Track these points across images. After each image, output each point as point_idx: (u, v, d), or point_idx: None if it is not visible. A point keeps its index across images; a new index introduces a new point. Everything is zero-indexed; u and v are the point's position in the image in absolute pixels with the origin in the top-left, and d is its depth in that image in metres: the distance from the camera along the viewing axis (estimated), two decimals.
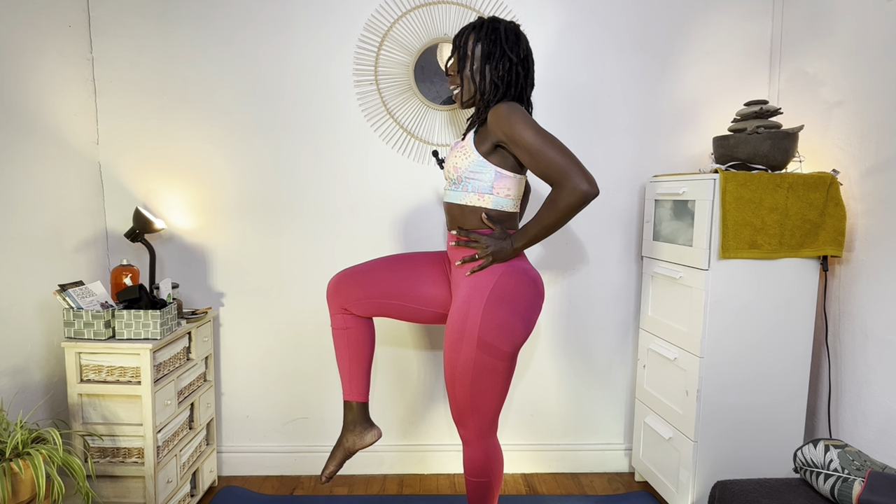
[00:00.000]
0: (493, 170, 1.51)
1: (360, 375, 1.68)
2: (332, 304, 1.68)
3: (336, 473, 1.83)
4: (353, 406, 1.68)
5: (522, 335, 1.51)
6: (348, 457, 1.69)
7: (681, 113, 2.24)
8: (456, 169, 1.55)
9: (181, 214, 2.20)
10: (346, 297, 1.65)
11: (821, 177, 1.78)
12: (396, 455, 2.35)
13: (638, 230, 2.29)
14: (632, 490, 2.25)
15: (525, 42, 1.55)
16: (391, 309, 1.66)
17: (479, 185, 1.52)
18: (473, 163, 1.51)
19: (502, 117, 1.44)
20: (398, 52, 2.14)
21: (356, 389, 1.68)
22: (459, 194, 1.56)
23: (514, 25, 1.55)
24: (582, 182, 1.38)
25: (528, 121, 1.43)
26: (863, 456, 1.47)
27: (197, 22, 2.11)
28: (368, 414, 1.71)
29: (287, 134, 2.18)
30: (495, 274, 1.51)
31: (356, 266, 1.69)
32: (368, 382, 1.70)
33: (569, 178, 1.39)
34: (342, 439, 1.68)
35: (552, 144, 1.41)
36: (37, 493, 1.42)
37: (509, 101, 1.48)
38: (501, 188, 1.53)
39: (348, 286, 1.65)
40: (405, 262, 1.68)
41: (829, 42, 1.95)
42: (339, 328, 1.67)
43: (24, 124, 1.77)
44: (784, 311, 1.85)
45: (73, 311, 1.72)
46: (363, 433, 1.68)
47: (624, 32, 2.19)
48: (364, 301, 1.64)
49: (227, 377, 2.29)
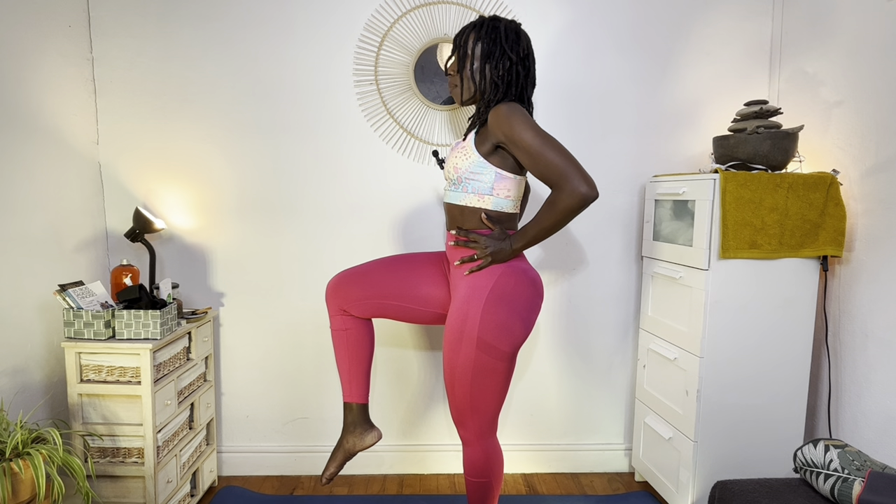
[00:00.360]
0: (494, 171, 1.50)
1: (360, 377, 1.68)
2: (330, 306, 1.67)
3: (337, 475, 1.83)
4: (353, 407, 1.68)
5: (522, 335, 1.51)
6: (349, 458, 1.69)
7: (681, 113, 2.24)
8: (456, 169, 1.54)
9: (181, 214, 2.20)
10: (345, 298, 1.65)
11: (821, 177, 1.78)
12: (396, 455, 2.35)
13: (638, 230, 2.29)
14: (632, 490, 2.25)
15: (525, 41, 1.55)
16: (390, 310, 1.65)
17: (478, 185, 1.52)
18: (474, 163, 1.51)
19: (502, 118, 1.44)
20: (398, 52, 2.14)
21: (356, 391, 1.68)
22: (459, 195, 1.56)
23: (515, 24, 1.55)
24: (581, 184, 1.37)
25: (528, 122, 1.42)
26: (863, 456, 1.47)
27: (197, 22, 2.11)
28: (368, 415, 1.71)
29: (287, 134, 2.18)
30: (494, 274, 1.50)
31: (355, 267, 1.69)
32: (368, 383, 1.70)
33: (568, 181, 1.38)
34: (342, 441, 1.68)
35: (552, 146, 1.40)
36: (37, 493, 1.42)
37: (510, 102, 1.48)
38: (501, 189, 1.52)
39: (347, 287, 1.64)
40: (404, 262, 1.68)
41: (829, 42, 1.95)
42: (339, 329, 1.67)
43: (24, 124, 1.77)
44: (784, 311, 1.85)
45: (73, 311, 1.72)
46: (363, 434, 1.68)
47: (624, 32, 2.19)
48: (363, 302, 1.64)
49: (227, 377, 2.29)
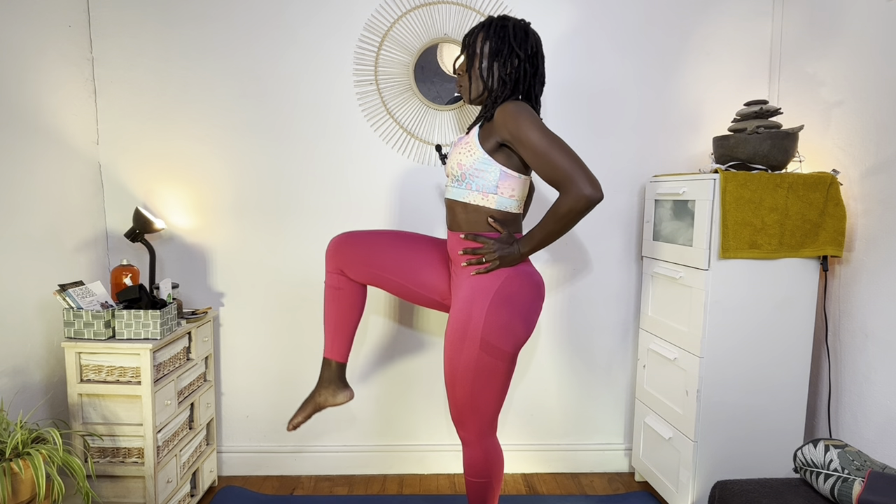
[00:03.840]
0: (499, 168, 1.49)
1: (344, 336, 1.71)
2: (329, 263, 1.69)
3: (302, 424, 1.88)
4: (331, 364, 1.72)
5: (524, 336, 1.52)
6: (317, 411, 1.74)
7: (681, 113, 2.24)
8: (460, 165, 1.53)
9: (181, 214, 2.20)
10: (345, 260, 1.66)
11: (821, 177, 1.78)
12: (396, 455, 2.35)
13: (638, 230, 2.29)
14: (632, 490, 2.25)
15: (534, 39, 1.54)
16: (388, 284, 1.67)
17: (483, 183, 1.51)
18: (478, 160, 1.50)
19: (509, 116, 1.43)
20: (398, 52, 2.14)
21: (337, 349, 1.71)
22: (463, 192, 1.54)
23: (524, 23, 1.54)
24: (586, 186, 1.37)
25: (536, 121, 1.41)
26: (863, 456, 1.47)
27: (197, 22, 2.11)
28: (344, 375, 1.75)
29: (287, 134, 2.18)
30: (500, 277, 1.50)
31: (361, 232, 1.69)
32: (350, 344, 1.74)
33: (573, 183, 1.37)
34: (315, 394, 1.73)
35: (558, 147, 1.39)
36: (37, 493, 1.42)
37: (517, 100, 1.47)
38: (506, 188, 1.51)
39: (349, 251, 1.65)
40: (410, 242, 1.68)
41: (829, 42, 1.95)
42: (333, 287, 1.69)
43: (24, 124, 1.77)
44: (784, 311, 1.85)
45: (73, 311, 1.72)
46: (336, 392, 1.73)
47: (624, 32, 2.19)
48: (362, 268, 1.66)
49: (227, 377, 2.29)
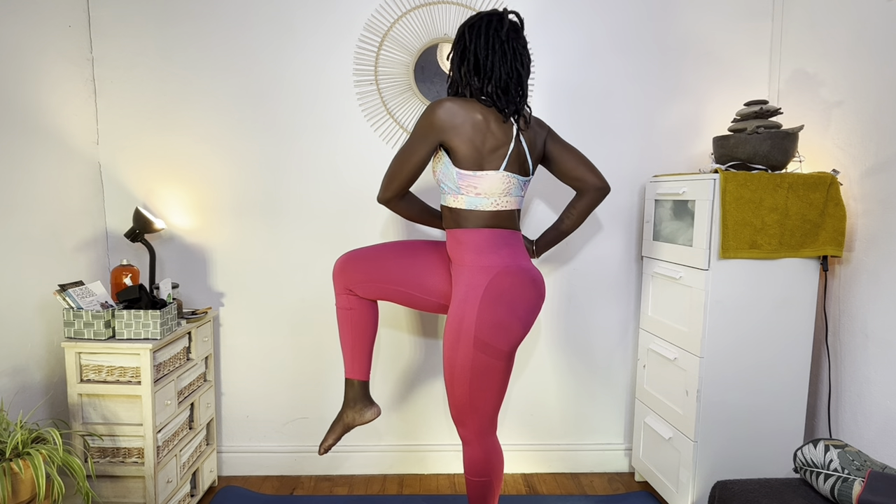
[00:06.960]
0: (454, 169, 1.51)
1: (363, 355, 1.71)
2: (337, 285, 1.70)
3: (333, 447, 1.90)
4: (354, 384, 1.71)
5: (520, 334, 1.52)
6: (347, 431, 1.73)
7: (681, 113, 2.24)
8: (434, 172, 1.59)
9: (181, 214, 2.20)
10: (352, 279, 1.67)
11: (821, 177, 1.78)
12: (396, 455, 2.35)
13: (638, 230, 2.29)
14: (632, 490, 2.25)
15: (489, 28, 1.50)
16: (395, 295, 1.68)
17: (450, 185, 1.54)
18: (442, 164, 1.55)
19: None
20: (398, 52, 2.14)
21: (358, 368, 1.71)
22: (443, 196, 1.60)
23: (491, 17, 1.51)
24: (379, 192, 1.59)
25: (417, 124, 1.50)
26: (863, 456, 1.47)
27: (197, 22, 2.11)
28: (369, 391, 1.74)
29: (287, 134, 2.18)
30: (490, 273, 1.51)
31: (363, 249, 1.70)
32: (370, 361, 1.73)
33: (381, 187, 1.57)
34: (342, 415, 1.71)
35: (398, 155, 1.52)
36: (37, 493, 1.42)
37: (449, 97, 1.51)
38: (468, 187, 1.52)
39: (353, 269, 1.66)
40: (411, 249, 1.70)
41: (829, 42, 1.95)
42: (344, 308, 1.70)
43: (24, 124, 1.77)
44: (784, 311, 1.85)
45: (73, 311, 1.72)
46: (363, 410, 1.71)
47: (624, 32, 2.19)
48: (368, 285, 1.66)
49: (227, 377, 2.29)
